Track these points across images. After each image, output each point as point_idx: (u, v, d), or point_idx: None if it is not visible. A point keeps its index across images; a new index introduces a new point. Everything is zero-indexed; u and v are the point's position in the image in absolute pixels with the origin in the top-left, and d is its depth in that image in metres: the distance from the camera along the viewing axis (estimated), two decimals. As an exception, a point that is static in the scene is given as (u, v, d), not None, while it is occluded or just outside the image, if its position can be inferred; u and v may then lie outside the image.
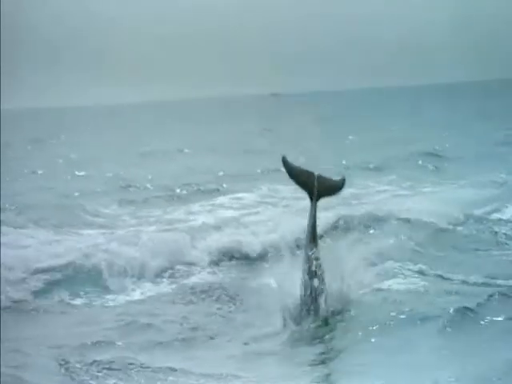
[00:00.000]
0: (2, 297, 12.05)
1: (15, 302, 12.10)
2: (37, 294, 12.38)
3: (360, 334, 9.24)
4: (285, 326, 9.60)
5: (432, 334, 8.89)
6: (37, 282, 12.82)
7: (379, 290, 10.72)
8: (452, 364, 7.97)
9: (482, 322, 9.11)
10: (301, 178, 10.17)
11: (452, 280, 11.21)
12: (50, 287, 12.66)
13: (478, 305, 9.63)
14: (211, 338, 9.59)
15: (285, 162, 10.17)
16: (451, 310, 9.28)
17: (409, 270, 11.97)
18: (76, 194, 23.50)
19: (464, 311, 9.34)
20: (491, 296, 9.87)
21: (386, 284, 11.07)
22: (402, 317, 9.59)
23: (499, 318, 9.22)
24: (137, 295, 12.31)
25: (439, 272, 11.81)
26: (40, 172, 31.80)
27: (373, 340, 9.05)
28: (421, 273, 11.81)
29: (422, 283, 11.24)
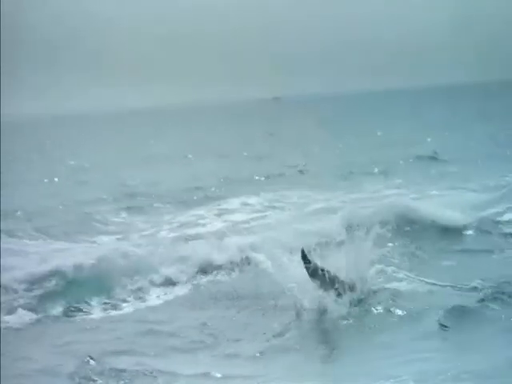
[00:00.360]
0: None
1: (28, 309, 12.23)
2: (52, 300, 12.48)
3: (365, 330, 9.65)
4: (298, 316, 10.04)
5: (433, 332, 9.24)
6: (52, 289, 12.96)
7: (386, 289, 10.91)
8: (453, 361, 8.21)
9: (484, 321, 9.41)
10: (316, 273, 10.29)
11: (461, 281, 11.31)
12: (65, 293, 12.75)
13: (480, 304, 9.93)
14: (229, 342, 9.73)
15: (304, 257, 10.29)
16: (456, 310, 9.58)
17: (416, 272, 12.07)
18: (83, 201, 23.54)
19: (467, 310, 9.67)
20: (494, 297, 10.10)
21: (392, 285, 11.23)
22: (404, 314, 9.98)
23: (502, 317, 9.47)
24: (154, 301, 12.41)
25: (447, 274, 11.96)
26: (46, 180, 31.90)
27: (378, 336, 9.45)
28: (429, 275, 11.90)
29: (430, 285, 11.36)
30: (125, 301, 12.37)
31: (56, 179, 31.93)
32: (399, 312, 10.08)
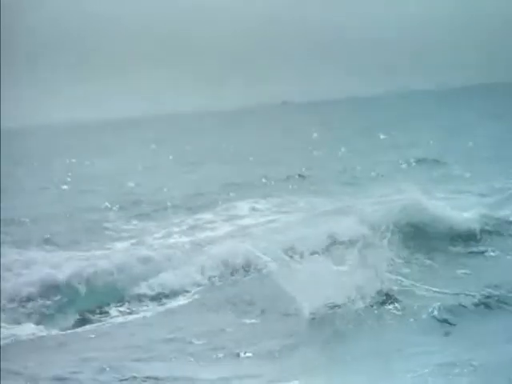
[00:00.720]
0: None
1: (43, 316, 12.33)
2: (68, 307, 12.59)
3: (377, 329, 9.82)
4: (310, 317, 10.21)
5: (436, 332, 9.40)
6: (68, 296, 13.07)
7: (395, 290, 11.04)
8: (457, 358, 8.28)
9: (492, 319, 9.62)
10: None
11: (474, 287, 11.35)
12: (81, 300, 12.87)
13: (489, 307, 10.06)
14: (247, 345, 9.80)
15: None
16: (463, 309, 9.82)
17: (425, 280, 12.13)
18: (90, 209, 23.62)
19: (475, 310, 9.87)
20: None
21: (401, 288, 11.34)
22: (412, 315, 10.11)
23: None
24: (171, 305, 12.47)
25: (459, 280, 12.06)
26: (51, 188, 31.97)
27: (390, 334, 9.61)
28: (439, 283, 11.96)
29: (441, 294, 11.43)
30: (142, 306, 12.46)
31: (61, 188, 32.01)
32: (408, 311, 10.20)
